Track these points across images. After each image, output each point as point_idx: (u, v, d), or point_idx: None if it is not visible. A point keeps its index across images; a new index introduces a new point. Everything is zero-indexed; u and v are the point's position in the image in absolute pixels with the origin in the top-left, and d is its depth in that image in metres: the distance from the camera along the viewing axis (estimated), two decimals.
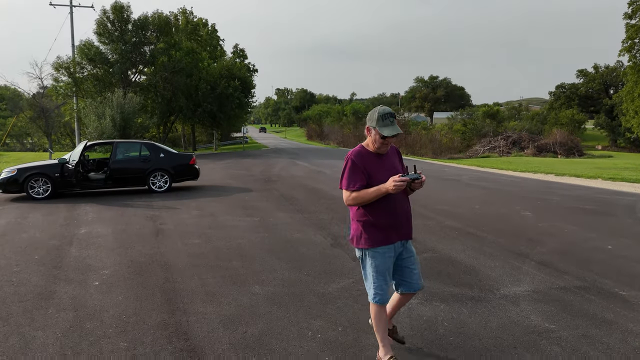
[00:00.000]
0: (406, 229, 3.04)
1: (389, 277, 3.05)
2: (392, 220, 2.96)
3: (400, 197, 2.98)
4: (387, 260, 3.00)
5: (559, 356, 3.18)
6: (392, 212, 2.96)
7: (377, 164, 2.98)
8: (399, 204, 2.98)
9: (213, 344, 3.43)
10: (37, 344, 3.46)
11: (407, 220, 3.05)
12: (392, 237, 2.98)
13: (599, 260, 5.37)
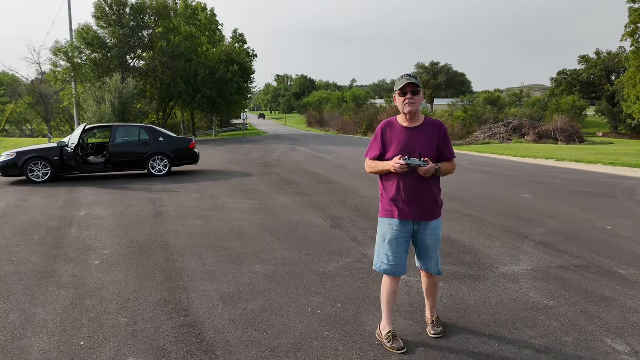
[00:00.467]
0: (416, 209, 2.95)
1: (398, 250, 3.00)
2: (399, 196, 2.95)
3: (412, 176, 2.90)
4: (395, 233, 2.99)
5: (558, 331, 3.20)
6: (401, 189, 2.94)
7: (402, 138, 2.95)
8: (411, 183, 2.92)
9: (213, 319, 3.45)
10: (38, 320, 3.47)
11: (419, 201, 2.95)
12: (400, 213, 2.97)
13: (598, 241, 5.38)
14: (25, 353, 3.00)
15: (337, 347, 3.02)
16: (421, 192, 2.95)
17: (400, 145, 2.93)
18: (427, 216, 2.99)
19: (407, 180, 2.92)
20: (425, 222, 3.00)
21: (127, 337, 3.19)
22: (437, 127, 2.98)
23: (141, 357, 2.93)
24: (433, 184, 3.00)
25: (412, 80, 2.85)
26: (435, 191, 3.02)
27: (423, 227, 3.01)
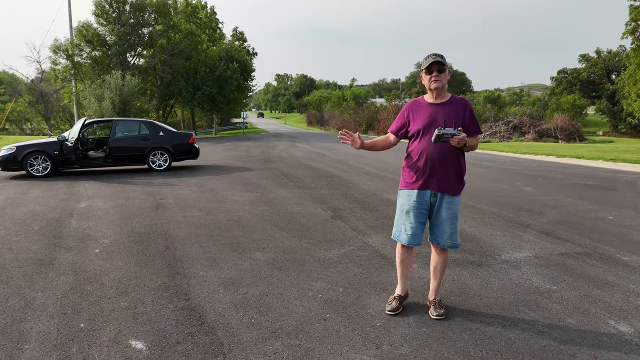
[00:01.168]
0: (436, 180, 3.03)
1: (413, 221, 3.09)
2: (417, 167, 3.06)
3: (435, 148, 2.99)
4: (413, 204, 3.09)
5: (561, 313, 3.17)
6: (421, 161, 3.03)
7: (428, 112, 3.07)
8: (432, 155, 3.00)
9: (214, 303, 3.43)
10: (37, 304, 3.45)
11: (440, 172, 3.01)
12: (419, 184, 3.07)
13: (600, 230, 5.36)
14: (25, 335, 2.98)
15: (338, 328, 3.00)
16: (446, 165, 3.02)
17: (427, 119, 3.03)
18: (447, 189, 3.05)
19: (432, 152, 3.00)
20: (442, 195, 3.06)
21: (127, 320, 3.17)
22: (464, 104, 3.06)
23: (141, 338, 2.91)
24: (459, 158, 3.07)
25: (438, 58, 2.96)
26: (462, 167, 3.09)
27: (440, 200, 3.07)
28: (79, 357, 2.70)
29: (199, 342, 2.85)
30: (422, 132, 3.04)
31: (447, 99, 3.06)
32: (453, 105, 3.03)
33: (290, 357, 2.66)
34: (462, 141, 2.88)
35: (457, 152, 3.03)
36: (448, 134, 2.84)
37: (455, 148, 3.00)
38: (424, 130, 3.03)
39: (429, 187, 3.05)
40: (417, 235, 3.10)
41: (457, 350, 2.70)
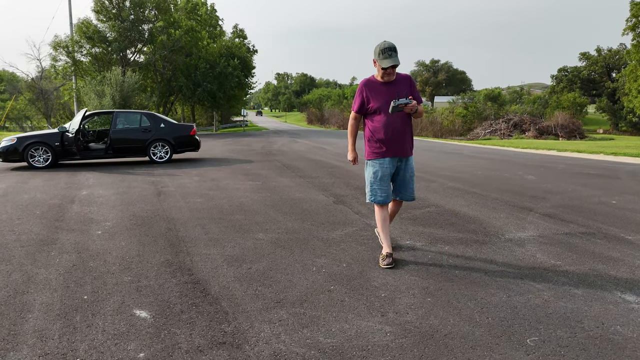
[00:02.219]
0: (400, 147, 3.63)
1: (385, 184, 3.66)
2: (385, 138, 3.59)
3: (395, 120, 3.56)
4: (382, 170, 3.64)
5: (566, 285, 3.16)
6: (386, 132, 3.57)
7: (380, 91, 3.59)
8: (394, 126, 3.57)
9: (218, 277, 3.41)
10: (40, 279, 3.44)
11: (402, 140, 3.62)
12: (386, 152, 3.62)
13: (604, 212, 5.34)
14: (28, 306, 2.96)
15: (343, 298, 2.99)
16: (403, 134, 3.62)
17: (383, 97, 3.56)
18: (405, 151, 3.66)
19: (392, 123, 3.57)
20: (405, 158, 3.69)
21: (131, 292, 3.15)
22: (408, 79, 3.63)
23: (145, 308, 2.89)
24: (409, 127, 3.68)
25: (395, 61, 3.41)
26: (411, 132, 3.73)
27: (404, 163, 3.70)
28: (82, 325, 2.68)
29: (203, 312, 2.83)
30: (381, 109, 3.57)
31: (394, 78, 3.57)
32: (400, 82, 3.58)
33: (296, 324, 2.64)
34: (414, 108, 3.46)
35: (410, 122, 3.66)
36: (402, 104, 3.41)
37: (409, 119, 3.62)
38: (383, 107, 3.56)
39: (397, 154, 3.64)
40: (390, 195, 3.70)
41: (462, 317, 2.68)
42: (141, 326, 2.65)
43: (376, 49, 3.45)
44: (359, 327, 2.59)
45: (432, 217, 5.19)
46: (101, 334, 2.57)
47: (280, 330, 2.58)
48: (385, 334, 2.50)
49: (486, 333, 2.49)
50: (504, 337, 2.45)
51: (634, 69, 27.14)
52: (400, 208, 3.96)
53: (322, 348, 2.37)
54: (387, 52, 3.40)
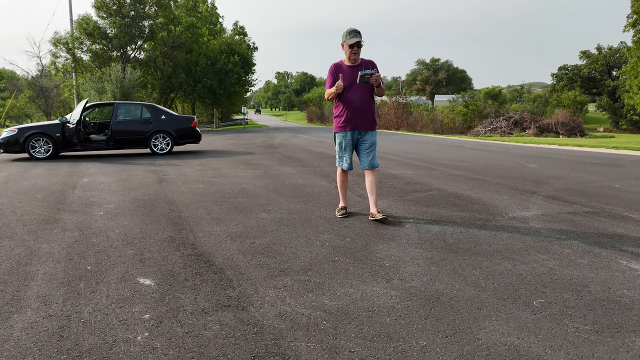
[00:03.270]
0: (360, 122, 4.19)
1: (347, 153, 4.31)
2: (346, 114, 4.18)
3: (358, 97, 4.13)
4: (345, 141, 4.27)
5: (571, 255, 3.15)
6: (347, 109, 4.17)
7: (346, 74, 4.13)
8: (354, 104, 4.14)
9: (221, 250, 3.40)
10: (43, 252, 3.43)
11: (361, 116, 4.18)
12: (346, 126, 4.21)
13: (607, 195, 5.33)
14: (31, 275, 2.95)
15: (347, 267, 2.98)
16: (363, 111, 4.18)
17: (349, 78, 4.11)
18: (365, 126, 4.23)
19: (355, 101, 4.13)
20: (364, 132, 4.25)
21: (135, 264, 3.14)
22: (371, 63, 4.15)
23: (149, 277, 2.88)
24: (369, 106, 4.21)
25: (360, 38, 3.99)
26: (374, 111, 4.28)
27: (363, 136, 4.27)
28: (86, 291, 2.67)
29: (207, 279, 2.82)
30: (347, 88, 4.11)
31: (359, 62, 4.15)
32: (364, 65, 4.12)
33: (301, 289, 2.63)
34: (378, 79, 4.00)
35: (370, 102, 4.20)
36: (368, 74, 3.92)
37: (369, 99, 4.18)
38: (348, 87, 4.11)
39: (356, 127, 4.21)
40: (351, 163, 4.35)
41: (467, 283, 2.67)
42: (145, 292, 2.64)
43: (344, 34, 4.05)
44: (364, 291, 2.58)
45: (434, 199, 5.18)
46: (105, 299, 2.56)
47: (285, 294, 2.56)
48: (391, 297, 2.49)
49: (492, 296, 2.48)
50: (510, 300, 2.43)
51: (634, 66, 27.11)
52: (376, 177, 4.32)
53: (328, 309, 2.36)
54: (352, 33, 4.00)
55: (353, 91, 4.11)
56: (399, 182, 6.42)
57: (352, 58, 4.08)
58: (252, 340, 2.07)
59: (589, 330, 2.09)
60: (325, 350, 1.96)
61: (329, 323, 2.21)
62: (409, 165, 8.52)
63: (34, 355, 1.98)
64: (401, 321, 2.22)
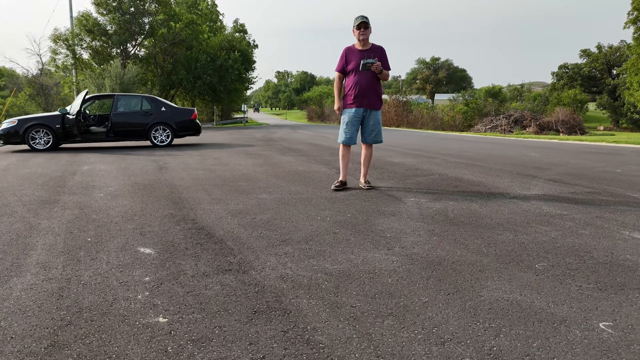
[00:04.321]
0: (366, 101, 4.53)
1: (350, 128, 4.61)
2: (353, 93, 4.52)
3: (364, 79, 4.47)
4: (350, 117, 4.59)
5: (573, 227, 3.14)
6: (354, 88, 4.50)
7: (356, 56, 4.52)
8: (361, 84, 4.48)
9: (222, 224, 3.39)
10: (43, 227, 3.42)
11: (367, 95, 4.51)
12: (353, 104, 4.55)
13: (608, 178, 5.32)
14: (31, 246, 2.94)
15: (348, 238, 2.97)
16: (368, 91, 4.50)
17: (357, 60, 4.48)
18: (371, 106, 4.57)
19: (362, 81, 4.47)
20: (370, 110, 4.59)
21: (135, 236, 3.13)
22: (380, 49, 4.54)
23: (150, 247, 2.87)
24: (375, 86, 4.53)
25: (365, 19, 4.42)
26: (380, 92, 4.61)
27: (368, 113, 4.61)
28: (86, 259, 2.66)
29: (208, 249, 2.81)
30: (354, 69, 4.49)
31: (369, 46, 4.53)
32: (373, 51, 4.49)
33: (302, 256, 2.62)
34: (378, 67, 4.39)
35: (376, 83, 4.53)
36: (369, 62, 4.36)
37: (375, 80, 4.50)
38: (355, 68, 4.47)
39: (362, 105, 4.54)
40: (354, 138, 4.62)
41: (469, 250, 2.66)
42: (146, 259, 2.63)
43: (354, 21, 4.48)
44: (365, 257, 2.57)
45: (435, 181, 5.16)
46: (105, 265, 2.55)
47: (286, 260, 2.55)
48: (392, 262, 2.48)
49: (494, 261, 2.47)
50: (512, 264, 2.42)
51: (634, 63, 27.09)
52: (371, 152, 4.80)
53: (329, 272, 2.35)
54: (360, 17, 4.44)
55: (360, 73, 4.46)
56: (399, 169, 6.41)
57: (360, 39, 4.46)
58: (253, 297, 2.05)
59: (592, 288, 2.07)
60: (326, 306, 1.95)
61: (330, 283, 2.20)
62: (409, 154, 8.51)
63: (34, 311, 1.97)
64: (402, 282, 2.20)
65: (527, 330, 1.69)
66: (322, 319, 1.82)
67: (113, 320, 1.86)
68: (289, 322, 1.81)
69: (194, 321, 1.83)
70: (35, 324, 1.85)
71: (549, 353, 1.54)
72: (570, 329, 1.70)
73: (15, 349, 1.66)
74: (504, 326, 1.73)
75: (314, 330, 1.73)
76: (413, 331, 1.71)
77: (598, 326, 1.72)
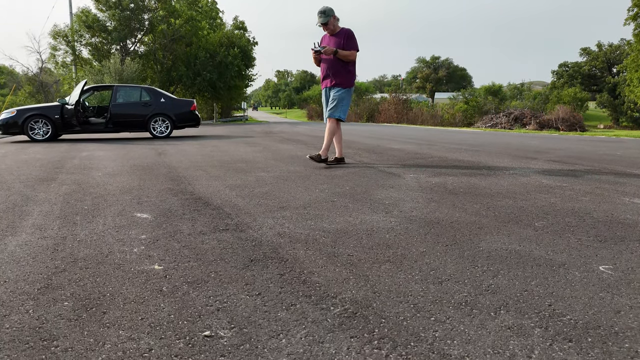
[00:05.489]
0: (329, 81, 4.94)
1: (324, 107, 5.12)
2: (322, 75, 5.04)
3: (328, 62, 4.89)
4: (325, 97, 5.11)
5: (574, 194, 3.12)
6: (323, 71, 5.02)
7: (326, 42, 4.98)
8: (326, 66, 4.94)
9: (220, 195, 3.37)
10: (40, 198, 3.40)
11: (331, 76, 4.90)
12: (323, 84, 5.07)
13: (608, 159, 5.30)
14: (27, 213, 2.92)
15: (346, 205, 2.95)
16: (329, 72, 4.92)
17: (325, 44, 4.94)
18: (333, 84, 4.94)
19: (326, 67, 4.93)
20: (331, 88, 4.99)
21: (132, 204, 3.11)
22: (345, 32, 4.86)
23: (146, 213, 2.85)
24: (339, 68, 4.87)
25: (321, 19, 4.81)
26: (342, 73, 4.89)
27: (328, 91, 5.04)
28: (83, 222, 2.64)
29: (205, 214, 2.79)
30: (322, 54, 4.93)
31: (337, 31, 4.90)
32: (339, 35, 4.86)
33: (300, 218, 2.60)
34: (328, 51, 4.77)
35: (336, 64, 4.85)
36: (318, 50, 4.83)
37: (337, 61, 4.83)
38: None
39: (326, 85, 4.99)
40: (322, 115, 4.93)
41: (468, 212, 2.64)
42: (142, 222, 2.61)
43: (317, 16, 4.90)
44: (363, 219, 2.55)
45: (435, 162, 5.15)
46: (102, 226, 2.53)
47: (284, 222, 2.53)
48: (390, 222, 2.46)
49: (493, 221, 2.45)
50: (511, 223, 2.40)
51: (635, 59, 27.04)
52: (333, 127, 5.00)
53: (327, 230, 2.33)
54: (318, 14, 4.83)
55: (325, 57, 4.92)
56: (399, 153, 6.39)
57: (325, 31, 4.95)
58: (249, 249, 2.04)
59: (591, 240, 2.06)
60: (323, 255, 1.93)
61: (327, 239, 2.18)
62: (409, 142, 8.50)
63: (27, 261, 1.95)
64: (400, 237, 2.19)
65: (526, 272, 1.68)
66: (319, 265, 1.80)
67: (108, 268, 1.84)
68: (286, 267, 1.79)
69: (190, 268, 1.82)
70: (29, 271, 1.83)
71: (547, 289, 1.52)
72: (570, 271, 1.68)
73: (9, 289, 1.64)
74: (502, 269, 1.71)
75: (311, 273, 1.71)
76: (410, 273, 1.69)
77: (598, 269, 1.70)
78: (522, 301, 1.42)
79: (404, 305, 1.41)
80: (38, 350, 1.20)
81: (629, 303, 1.39)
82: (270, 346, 1.19)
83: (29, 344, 1.24)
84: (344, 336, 1.23)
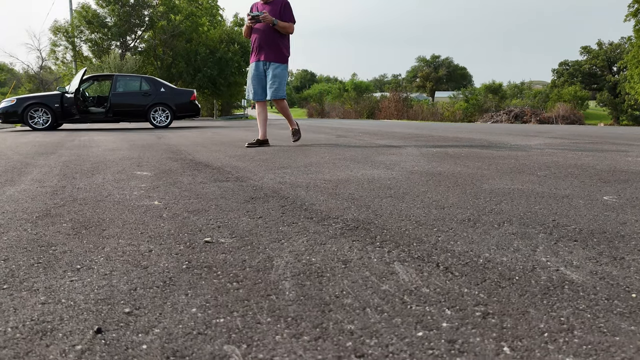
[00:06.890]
0: (265, 54, 4.45)
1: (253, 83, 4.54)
2: (253, 46, 4.54)
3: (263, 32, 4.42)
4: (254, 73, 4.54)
5: (575, 157, 3.10)
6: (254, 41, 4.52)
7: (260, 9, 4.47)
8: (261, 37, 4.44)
9: (220, 160, 3.36)
10: (39, 164, 3.38)
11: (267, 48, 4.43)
12: (254, 57, 4.55)
13: (610, 137, 5.30)
14: (26, 173, 2.90)
15: (347, 165, 2.93)
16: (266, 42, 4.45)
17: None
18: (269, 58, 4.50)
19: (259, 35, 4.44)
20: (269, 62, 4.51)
21: (132, 166, 3.10)
22: (281, 2, 4.41)
23: (146, 170, 2.83)
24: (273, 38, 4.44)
25: None
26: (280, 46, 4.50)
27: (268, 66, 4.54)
28: (82, 177, 2.62)
29: (206, 172, 2.78)
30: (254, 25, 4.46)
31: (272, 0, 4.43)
32: (275, 4, 4.40)
33: (300, 173, 2.59)
34: (266, 18, 4.27)
35: (274, 35, 4.41)
36: (255, 15, 4.30)
37: (274, 32, 4.39)
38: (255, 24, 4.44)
39: (261, 59, 4.46)
40: (257, 93, 4.51)
41: (470, 168, 2.63)
42: (142, 177, 2.59)
43: None
44: (364, 172, 2.54)
45: (434, 139, 5.13)
46: (101, 180, 2.51)
47: (284, 175, 2.52)
48: (392, 174, 2.45)
49: (494, 172, 2.44)
50: (513, 173, 2.39)
51: (635, 55, 27.05)
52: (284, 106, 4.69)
53: (328, 179, 2.32)
54: None
55: (260, 27, 4.41)
56: (400, 134, 6.39)
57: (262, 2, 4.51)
58: (250, 191, 2.02)
59: (594, 182, 2.04)
60: (324, 195, 1.91)
61: (328, 185, 2.16)
62: (411, 129, 8.50)
63: (26, 201, 1.93)
64: (402, 184, 2.17)
65: (529, 201, 1.66)
66: (320, 200, 1.79)
67: (107, 204, 1.83)
68: (287, 201, 1.77)
69: (190, 203, 1.80)
70: (27, 207, 1.82)
71: (551, 211, 1.50)
72: (574, 200, 1.67)
73: (7, 217, 1.62)
74: (505, 200, 1.70)
75: (312, 204, 1.70)
76: (412, 203, 1.68)
77: (602, 198, 1.68)
78: (526, 218, 1.41)
79: (405, 222, 1.40)
80: (36, 253, 1.19)
81: (634, 218, 1.38)
82: (272, 247, 1.18)
83: (27, 249, 1.23)
84: (346, 240, 1.21)
